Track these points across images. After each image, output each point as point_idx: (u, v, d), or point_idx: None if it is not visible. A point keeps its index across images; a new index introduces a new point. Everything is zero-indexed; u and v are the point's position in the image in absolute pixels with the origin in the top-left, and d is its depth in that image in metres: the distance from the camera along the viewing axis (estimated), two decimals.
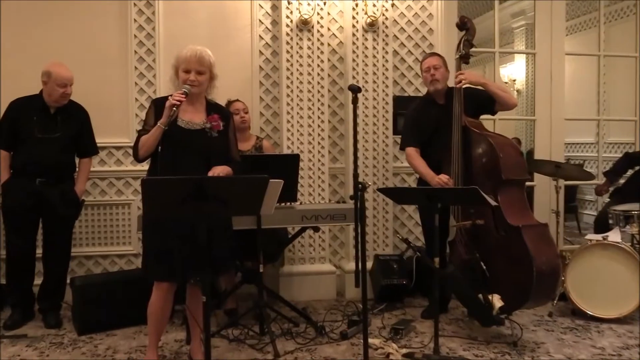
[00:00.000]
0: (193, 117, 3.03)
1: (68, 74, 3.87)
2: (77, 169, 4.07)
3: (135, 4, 4.57)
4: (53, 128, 3.88)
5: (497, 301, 3.50)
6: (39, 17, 4.49)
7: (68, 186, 3.97)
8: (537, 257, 3.41)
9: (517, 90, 9.87)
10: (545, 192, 5.07)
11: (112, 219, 4.62)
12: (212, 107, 3.10)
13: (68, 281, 4.01)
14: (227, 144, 3.09)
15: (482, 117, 4.03)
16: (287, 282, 4.61)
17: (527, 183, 4.10)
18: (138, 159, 2.98)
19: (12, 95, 3.99)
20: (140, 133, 2.99)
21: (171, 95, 2.92)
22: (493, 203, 3.18)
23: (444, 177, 3.73)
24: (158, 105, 2.98)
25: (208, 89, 3.09)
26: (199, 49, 3.01)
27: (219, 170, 2.90)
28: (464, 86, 3.82)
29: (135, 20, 4.57)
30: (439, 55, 4.12)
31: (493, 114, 4.10)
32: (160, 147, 2.90)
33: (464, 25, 3.99)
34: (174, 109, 2.87)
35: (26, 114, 3.87)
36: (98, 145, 4.16)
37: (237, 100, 4.30)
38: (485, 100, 3.90)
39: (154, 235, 2.93)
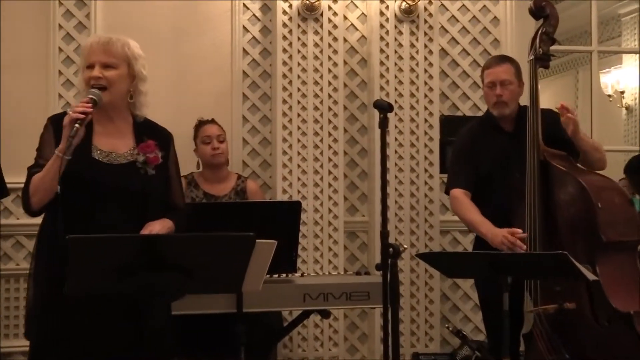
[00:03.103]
0: (116, 145, 2.97)
1: None
2: None
3: None
4: None
5: None
6: None
7: None
8: None
9: (626, 107, 9.90)
10: None
11: (10, 298, 4.58)
12: (143, 128, 3.04)
13: None
14: (167, 182, 3.07)
15: None
16: None
17: None
18: (30, 210, 2.88)
19: None
20: (32, 171, 2.89)
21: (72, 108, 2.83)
22: (591, 277, 3.18)
23: (509, 235, 3.70)
24: (57, 124, 2.88)
25: (134, 98, 3.02)
26: (110, 35, 2.98)
27: (157, 229, 2.87)
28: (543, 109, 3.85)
29: (60, 3, 4.64)
30: (509, 61, 4.08)
31: None
32: (60, 189, 2.72)
33: (540, 11, 3.96)
34: (76, 126, 2.71)
35: None
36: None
37: (212, 121, 4.35)
38: (569, 145, 3.88)
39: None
